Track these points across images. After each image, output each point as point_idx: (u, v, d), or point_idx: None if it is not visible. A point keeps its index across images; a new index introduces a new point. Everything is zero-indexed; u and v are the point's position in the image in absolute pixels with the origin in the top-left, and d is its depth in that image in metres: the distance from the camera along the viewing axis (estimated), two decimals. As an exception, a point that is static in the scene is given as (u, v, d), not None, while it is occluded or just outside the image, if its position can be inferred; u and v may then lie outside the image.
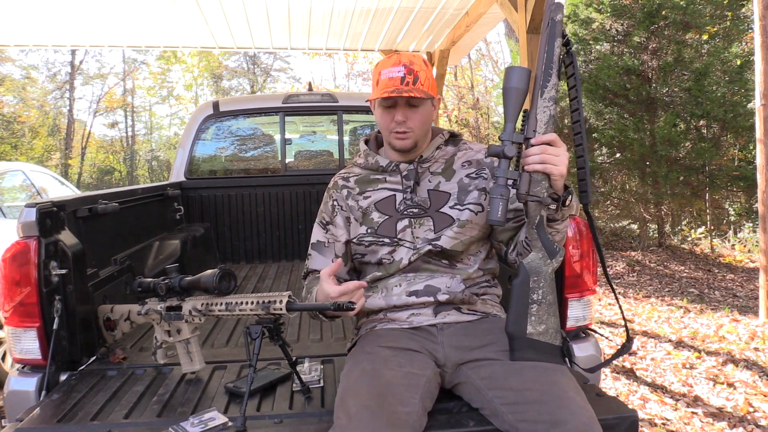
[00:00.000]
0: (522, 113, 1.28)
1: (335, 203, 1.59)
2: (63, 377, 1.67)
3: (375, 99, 1.46)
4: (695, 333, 4.26)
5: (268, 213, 3.68)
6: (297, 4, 5.09)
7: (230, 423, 1.34)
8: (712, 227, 7.89)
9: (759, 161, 4.61)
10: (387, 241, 1.49)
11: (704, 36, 7.23)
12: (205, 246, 3.45)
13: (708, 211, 7.84)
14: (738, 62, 7.00)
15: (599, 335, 1.87)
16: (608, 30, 7.20)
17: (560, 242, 1.35)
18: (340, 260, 1.39)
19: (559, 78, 1.27)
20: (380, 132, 1.61)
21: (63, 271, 1.67)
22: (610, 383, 3.29)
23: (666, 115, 6.97)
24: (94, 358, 1.79)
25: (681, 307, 5.01)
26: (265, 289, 2.93)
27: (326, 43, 6.44)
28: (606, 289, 5.62)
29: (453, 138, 1.60)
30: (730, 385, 3.23)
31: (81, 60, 20.04)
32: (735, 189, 7.37)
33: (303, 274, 1.62)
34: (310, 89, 3.97)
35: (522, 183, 1.25)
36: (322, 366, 1.70)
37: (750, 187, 6.68)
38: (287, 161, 3.88)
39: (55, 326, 1.62)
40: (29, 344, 1.64)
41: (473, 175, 1.53)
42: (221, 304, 1.49)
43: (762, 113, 4.52)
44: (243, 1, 5.00)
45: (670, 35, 6.99)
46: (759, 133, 4.58)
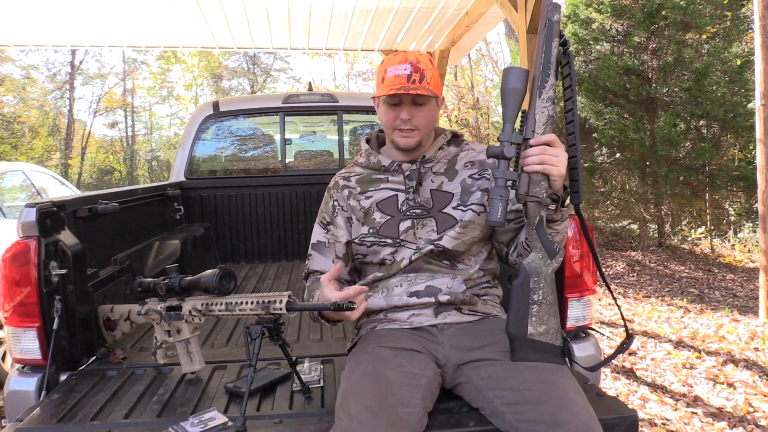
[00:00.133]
0: (520, 114, 1.28)
1: (336, 203, 1.59)
2: (63, 377, 1.67)
3: (380, 96, 1.45)
4: (695, 333, 4.26)
5: (268, 213, 3.68)
6: (297, 4, 5.09)
7: (230, 423, 1.34)
8: (712, 227, 7.89)
9: (759, 161, 4.61)
10: (389, 242, 1.49)
11: (704, 36, 7.23)
12: (205, 246, 3.45)
13: (708, 211, 7.84)
14: (738, 62, 7.00)
15: (599, 335, 1.87)
16: (608, 30, 7.20)
17: (560, 243, 1.34)
18: (340, 265, 1.38)
19: (557, 78, 1.27)
20: (382, 131, 1.61)
21: (63, 271, 1.67)
22: (610, 383, 3.29)
23: (666, 115, 6.96)
24: (94, 358, 1.79)
25: (681, 307, 5.01)
26: (265, 289, 2.93)
27: (326, 43, 6.43)
28: (606, 289, 5.62)
29: (455, 138, 1.60)
30: (730, 385, 3.23)
31: (81, 60, 20.06)
32: (735, 189, 7.37)
33: (304, 275, 1.62)
34: (310, 89, 3.97)
35: (521, 184, 1.25)
36: (322, 366, 1.70)
37: (750, 187, 6.68)
38: (287, 161, 3.88)
39: (55, 326, 1.62)
40: (29, 344, 1.64)
41: (476, 176, 1.53)
42: (221, 304, 1.49)
43: (762, 113, 4.52)
44: (243, 1, 5.00)
45: (670, 35, 6.99)
46: (759, 133, 4.58)
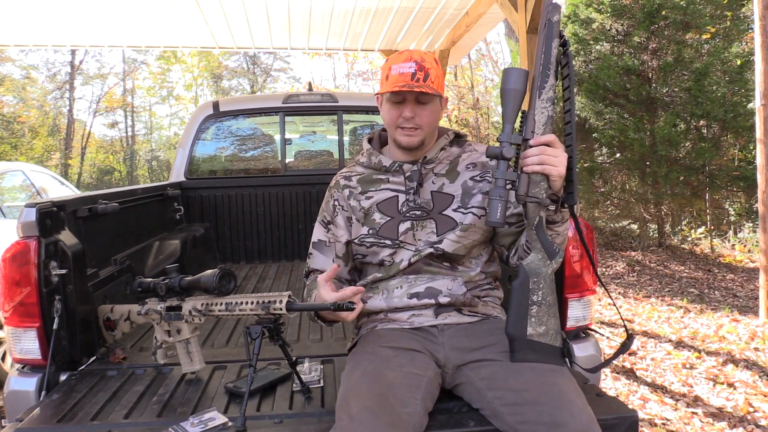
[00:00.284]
0: (520, 114, 1.28)
1: (336, 203, 1.58)
2: (63, 377, 1.67)
3: (384, 93, 1.45)
4: (695, 333, 4.26)
5: (268, 213, 3.68)
6: (297, 4, 5.09)
7: (230, 423, 1.34)
8: (712, 227, 7.89)
9: (759, 161, 4.61)
10: (388, 243, 1.48)
11: (704, 36, 7.22)
12: (205, 246, 3.45)
13: (708, 211, 7.84)
14: (738, 62, 7.00)
15: (599, 335, 1.87)
16: (608, 30, 7.20)
17: (561, 245, 1.34)
18: (336, 266, 1.37)
19: (557, 78, 1.27)
20: (384, 130, 1.60)
21: (63, 271, 1.67)
22: (610, 383, 3.29)
23: (666, 115, 6.96)
24: (94, 358, 1.80)
25: (681, 307, 5.01)
26: (265, 289, 2.93)
27: (326, 43, 6.44)
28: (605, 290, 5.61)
29: (458, 138, 1.59)
30: (730, 385, 3.23)
31: (81, 60, 20.06)
32: (735, 189, 7.37)
33: (304, 273, 1.62)
34: (310, 89, 3.97)
35: (521, 184, 1.24)
36: (322, 366, 1.70)
37: (750, 187, 6.68)
38: (287, 161, 3.88)
39: (55, 326, 1.62)
40: (29, 344, 1.64)
41: (477, 178, 1.52)
42: (221, 304, 1.49)
43: (762, 113, 4.52)
44: (243, 1, 5.00)
45: (670, 35, 6.99)
46: (759, 133, 4.58)
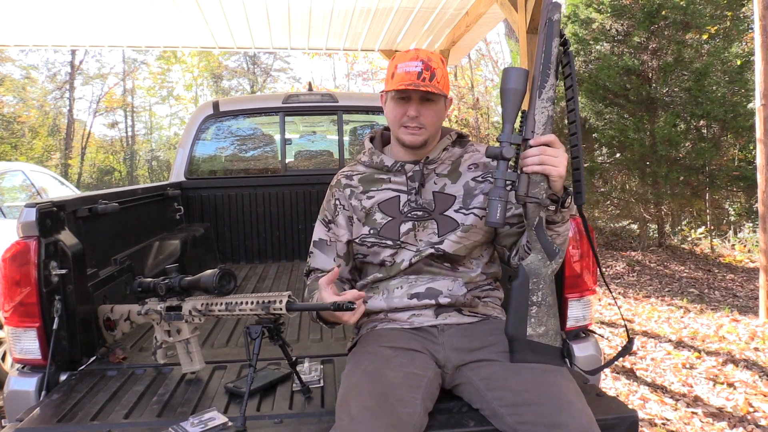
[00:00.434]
0: (520, 114, 1.28)
1: (337, 202, 1.58)
2: (63, 377, 1.67)
3: (389, 91, 1.44)
4: (695, 333, 4.26)
5: (268, 213, 3.68)
6: (297, 4, 5.09)
7: (230, 423, 1.34)
8: (712, 227, 7.89)
9: (759, 161, 4.61)
10: (389, 243, 1.48)
11: (704, 36, 7.23)
12: (205, 246, 3.45)
13: (708, 211, 7.84)
14: (738, 62, 7.00)
15: (599, 335, 1.87)
16: (608, 30, 7.20)
17: (561, 245, 1.33)
18: (337, 269, 1.37)
19: (557, 78, 1.26)
20: (387, 129, 1.60)
21: (63, 271, 1.67)
22: (610, 383, 3.29)
23: (666, 115, 6.96)
24: (94, 358, 1.80)
25: (681, 307, 5.01)
26: (265, 289, 2.93)
27: (326, 43, 6.44)
28: (606, 289, 5.62)
29: (460, 139, 1.58)
30: (730, 385, 3.23)
31: (81, 60, 20.05)
32: (735, 189, 7.37)
33: (305, 272, 1.62)
34: (310, 89, 3.97)
35: (521, 184, 1.24)
36: (322, 366, 1.70)
37: (750, 187, 6.68)
38: (287, 161, 3.88)
39: (55, 326, 1.62)
40: (29, 344, 1.64)
41: (479, 179, 1.51)
42: (221, 304, 1.50)
43: (762, 113, 4.52)
44: (243, 1, 5.00)
45: (670, 35, 6.99)
46: (759, 133, 4.58)
